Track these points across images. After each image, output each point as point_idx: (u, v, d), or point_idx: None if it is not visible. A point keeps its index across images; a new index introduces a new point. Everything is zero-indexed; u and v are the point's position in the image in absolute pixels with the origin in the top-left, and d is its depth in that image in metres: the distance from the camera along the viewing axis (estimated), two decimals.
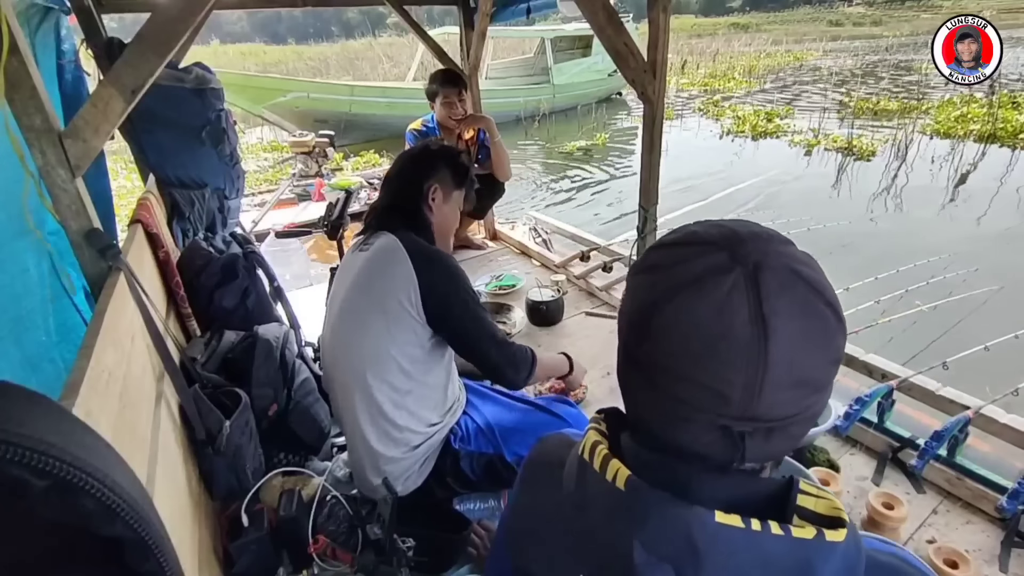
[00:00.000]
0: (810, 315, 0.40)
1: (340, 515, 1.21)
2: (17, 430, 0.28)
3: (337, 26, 37.07)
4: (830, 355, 0.42)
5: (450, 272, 1.19)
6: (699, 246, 0.43)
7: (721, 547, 0.40)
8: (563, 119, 10.48)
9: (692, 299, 0.41)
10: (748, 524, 0.40)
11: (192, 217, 2.08)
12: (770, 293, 0.39)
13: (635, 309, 0.45)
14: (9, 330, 1.05)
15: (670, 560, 0.42)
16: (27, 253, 1.16)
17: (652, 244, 0.48)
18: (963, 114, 7.84)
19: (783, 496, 0.43)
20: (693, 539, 0.41)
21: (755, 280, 0.40)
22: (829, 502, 0.42)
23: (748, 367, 0.39)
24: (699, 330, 0.41)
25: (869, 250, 4.02)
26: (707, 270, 0.41)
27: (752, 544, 0.40)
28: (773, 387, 0.40)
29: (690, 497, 0.42)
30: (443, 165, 1.29)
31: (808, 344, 0.40)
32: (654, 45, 1.75)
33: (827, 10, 40.84)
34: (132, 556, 0.34)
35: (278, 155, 7.95)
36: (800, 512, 0.42)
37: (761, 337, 0.39)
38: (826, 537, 0.39)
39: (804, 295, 0.40)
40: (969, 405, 1.42)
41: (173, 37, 1.09)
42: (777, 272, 0.40)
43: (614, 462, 0.46)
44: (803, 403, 0.42)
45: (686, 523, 0.41)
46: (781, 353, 0.39)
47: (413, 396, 1.20)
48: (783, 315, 0.39)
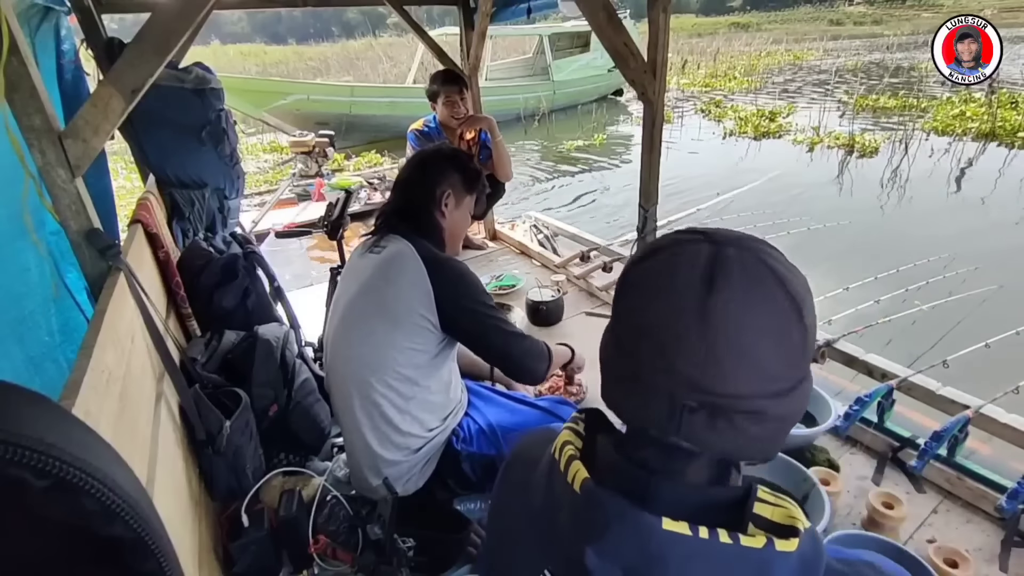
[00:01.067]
0: (762, 294, 0.41)
1: (340, 515, 1.21)
2: (17, 430, 0.28)
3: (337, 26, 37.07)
4: (783, 345, 0.42)
5: (465, 278, 1.19)
6: (683, 233, 0.47)
7: (671, 555, 0.40)
8: (563, 118, 10.48)
9: (661, 258, 0.45)
10: (696, 532, 0.40)
11: (192, 217, 2.08)
12: (727, 260, 0.42)
13: (621, 277, 0.49)
14: (11, 330, 1.05)
15: (622, 567, 0.42)
16: (28, 253, 1.16)
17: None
18: (962, 112, 7.84)
19: (742, 504, 0.43)
20: (644, 547, 0.41)
21: (718, 251, 0.42)
22: (785, 510, 0.42)
23: (692, 321, 0.41)
24: (657, 281, 0.44)
25: (869, 249, 4.02)
26: (680, 241, 0.45)
27: (701, 553, 0.40)
28: (713, 351, 0.40)
29: (647, 503, 0.42)
30: (455, 170, 1.28)
31: (754, 319, 0.41)
32: (654, 45, 1.75)
33: (828, 9, 40.80)
34: (132, 556, 0.34)
35: (278, 156, 7.95)
36: (756, 520, 0.41)
37: (704, 290, 0.41)
38: (776, 547, 0.39)
39: (761, 276, 0.42)
40: (969, 405, 1.42)
41: (173, 37, 1.09)
42: (743, 252, 0.43)
43: (575, 463, 0.47)
44: (751, 386, 0.41)
45: (636, 530, 0.41)
46: (721, 314, 0.40)
47: (417, 401, 1.20)
48: (733, 282, 0.41)
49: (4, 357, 1.00)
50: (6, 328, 1.03)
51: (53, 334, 1.19)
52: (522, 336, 1.25)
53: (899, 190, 5.68)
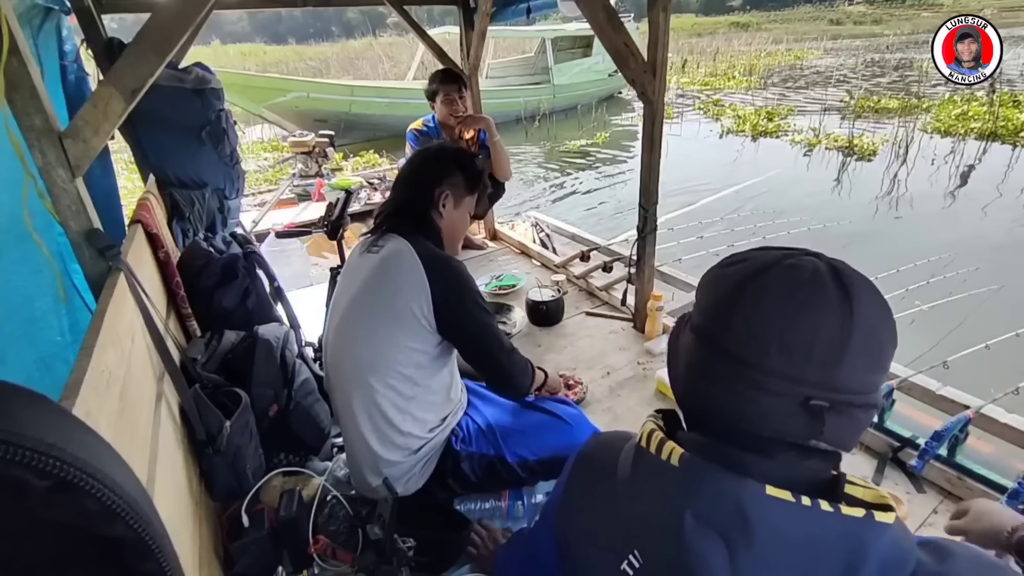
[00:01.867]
0: (879, 298, 0.46)
1: (340, 515, 1.21)
2: (18, 430, 0.28)
3: (337, 26, 37.05)
4: (894, 337, 0.46)
5: (462, 280, 1.18)
6: (771, 250, 0.50)
7: (771, 520, 0.41)
8: (563, 118, 10.47)
9: (784, 271, 0.46)
10: (799, 499, 0.41)
11: (192, 217, 2.08)
12: (844, 273, 0.46)
13: (722, 291, 0.49)
14: (23, 331, 1.05)
15: (719, 530, 0.43)
16: (38, 254, 1.16)
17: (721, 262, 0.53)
18: (964, 112, 7.84)
19: (830, 484, 0.44)
20: (744, 510, 0.42)
21: (829, 265, 0.47)
22: (876, 492, 0.44)
23: (837, 324, 0.43)
24: (792, 293, 0.45)
25: (870, 249, 4.02)
26: (789, 255, 0.48)
27: (802, 519, 0.41)
28: (855, 351, 0.43)
29: (747, 473, 0.44)
30: (456, 170, 1.27)
31: (883, 319, 0.45)
32: (654, 45, 1.75)
33: (828, 9, 40.78)
34: (132, 556, 0.34)
35: (278, 155, 7.95)
36: (848, 499, 0.43)
37: (846, 298, 0.44)
38: (875, 518, 0.41)
39: (870, 284, 0.47)
40: (969, 405, 1.42)
41: (173, 37, 1.09)
42: (843, 264, 0.48)
43: (669, 443, 0.49)
44: (872, 379, 0.45)
45: (737, 495, 0.43)
46: (864, 317, 0.44)
47: (417, 401, 1.19)
48: (863, 292, 0.45)
49: (15, 358, 1.01)
50: (17, 329, 1.03)
51: (64, 334, 1.19)
52: (513, 351, 1.27)
53: (899, 190, 5.68)
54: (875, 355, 0.45)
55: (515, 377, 1.27)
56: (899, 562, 0.41)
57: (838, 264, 0.47)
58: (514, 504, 1.33)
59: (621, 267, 2.61)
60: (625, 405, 1.75)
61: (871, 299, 0.45)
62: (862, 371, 0.44)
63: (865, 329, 0.44)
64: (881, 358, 0.45)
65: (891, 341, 0.46)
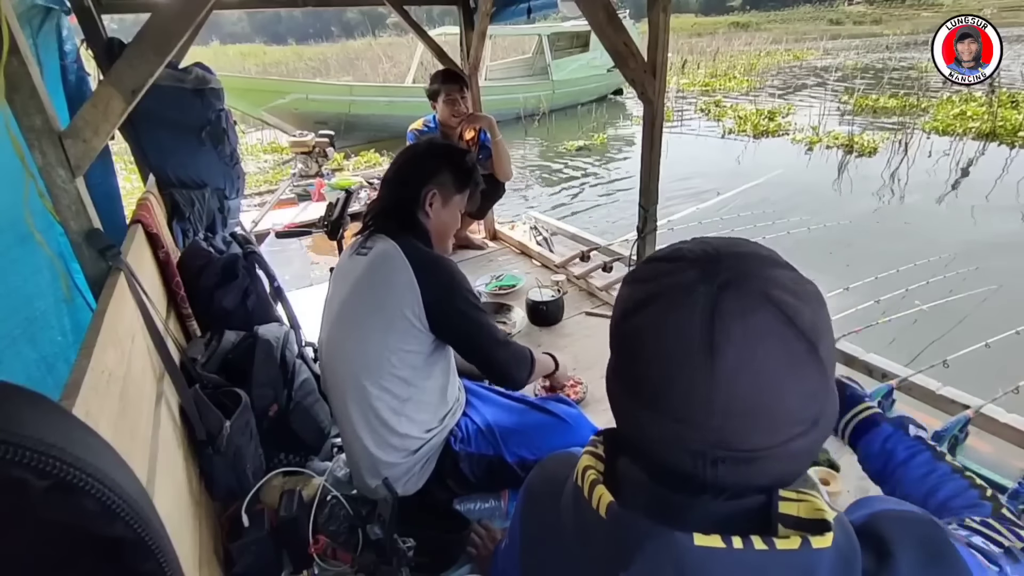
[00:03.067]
0: (770, 343, 0.38)
1: (340, 515, 1.21)
2: (17, 430, 0.28)
3: (337, 26, 37.05)
4: (801, 387, 0.39)
5: (452, 279, 1.17)
6: (678, 262, 0.43)
7: (709, 572, 0.39)
8: (563, 118, 10.47)
9: (656, 313, 0.41)
10: (729, 543, 0.38)
11: (192, 217, 2.08)
12: (725, 314, 0.38)
13: (614, 317, 0.46)
14: (24, 330, 1.05)
15: None
16: (39, 254, 1.16)
17: (645, 257, 0.48)
18: (962, 112, 7.85)
19: (767, 507, 0.41)
20: (679, 567, 0.39)
21: (716, 300, 0.39)
22: (810, 504, 0.40)
23: (700, 388, 0.39)
24: (658, 344, 0.41)
25: (870, 249, 4.02)
26: (675, 286, 0.41)
27: (740, 564, 0.38)
28: (727, 413, 0.38)
29: (676, 520, 0.41)
30: (444, 167, 1.25)
31: (765, 373, 0.38)
32: (654, 45, 1.75)
33: (827, 8, 40.80)
34: (132, 556, 0.34)
35: (278, 156, 7.95)
36: (784, 520, 0.40)
37: (708, 358, 0.38)
38: (812, 545, 0.38)
39: (767, 321, 0.38)
40: (969, 404, 1.42)
41: (173, 37, 1.09)
42: (742, 293, 0.39)
43: (598, 488, 0.45)
44: (776, 436, 0.39)
45: (668, 552, 0.40)
46: (727, 377, 0.38)
47: (413, 403, 1.19)
48: (735, 339, 0.38)
49: (16, 357, 1.01)
50: (18, 329, 1.03)
51: (65, 334, 1.19)
52: (507, 343, 1.26)
53: (899, 190, 5.68)
54: (760, 414, 0.39)
55: (511, 370, 1.27)
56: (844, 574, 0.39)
57: (725, 301, 0.39)
58: (514, 504, 1.33)
59: (621, 267, 2.61)
60: None
61: (747, 356, 0.38)
62: (749, 430, 0.39)
63: (731, 390, 0.38)
64: (776, 415, 0.39)
65: (789, 398, 0.39)
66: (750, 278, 0.40)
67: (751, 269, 0.41)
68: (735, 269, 0.40)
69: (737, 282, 0.39)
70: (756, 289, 0.39)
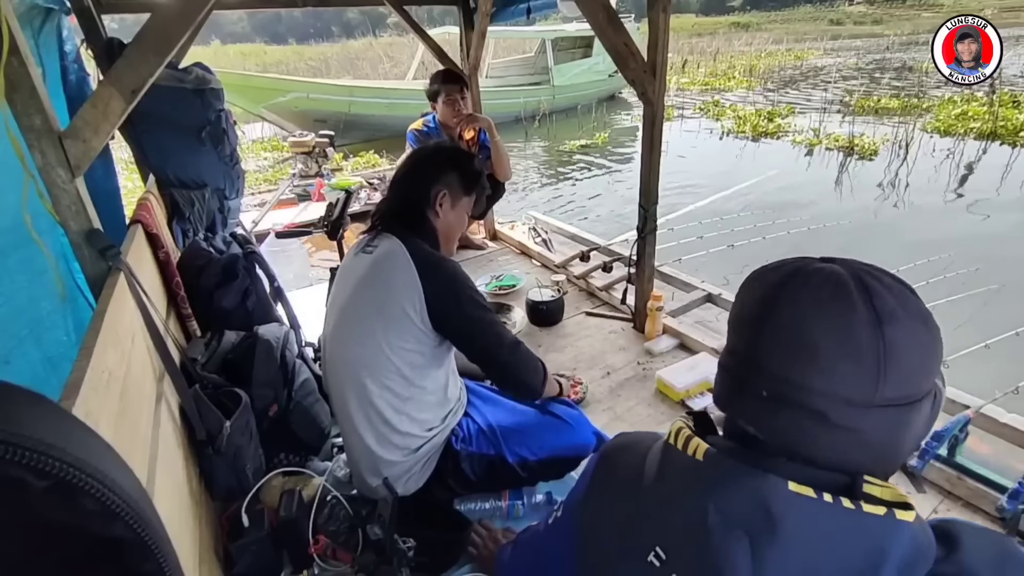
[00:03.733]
0: (838, 295, 0.45)
1: (340, 515, 1.21)
2: (17, 431, 0.28)
3: (337, 26, 37.06)
4: (850, 348, 0.44)
5: (456, 280, 1.17)
6: (801, 259, 0.50)
7: (793, 516, 0.41)
8: (563, 118, 10.47)
9: (758, 272, 0.49)
10: (820, 495, 0.41)
11: (192, 217, 2.08)
12: (802, 272, 0.47)
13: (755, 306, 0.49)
14: (29, 331, 1.05)
15: (742, 525, 0.43)
16: (41, 254, 1.16)
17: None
18: (963, 112, 7.84)
19: (849, 484, 0.44)
20: (766, 505, 0.42)
21: (809, 263, 0.48)
22: (894, 490, 0.43)
23: (759, 325, 0.46)
24: (743, 295, 0.50)
25: (869, 249, 4.02)
26: (817, 270, 0.47)
27: (824, 516, 0.41)
28: (777, 334, 0.45)
29: (770, 470, 0.44)
30: (453, 169, 1.25)
31: (819, 313, 0.45)
32: (654, 45, 1.75)
33: (828, 9, 40.79)
34: (132, 557, 0.34)
35: (278, 155, 7.95)
36: (867, 497, 0.43)
37: (776, 280, 0.47)
38: (896, 516, 0.40)
39: (843, 285, 0.45)
40: (969, 404, 1.42)
41: (173, 37, 1.09)
42: (843, 266, 0.47)
43: (695, 439, 0.49)
44: (809, 377, 0.44)
45: (759, 490, 0.43)
46: (787, 300, 0.45)
47: (414, 402, 1.19)
48: (811, 280, 0.46)
49: (22, 358, 1.01)
50: (24, 329, 1.03)
51: (70, 333, 1.19)
52: (515, 345, 1.21)
53: (899, 191, 5.68)
54: (804, 346, 0.44)
55: (522, 375, 1.22)
56: (917, 560, 0.41)
57: (815, 264, 0.47)
58: (514, 504, 1.33)
59: (621, 267, 2.61)
60: (625, 405, 1.74)
61: (811, 292, 0.45)
62: (790, 358, 0.45)
63: (790, 315, 0.45)
64: (813, 354, 0.44)
65: (832, 344, 0.43)
66: (854, 265, 0.47)
67: (859, 264, 0.47)
68: (845, 261, 0.47)
69: (840, 263, 0.47)
70: (852, 269, 0.46)
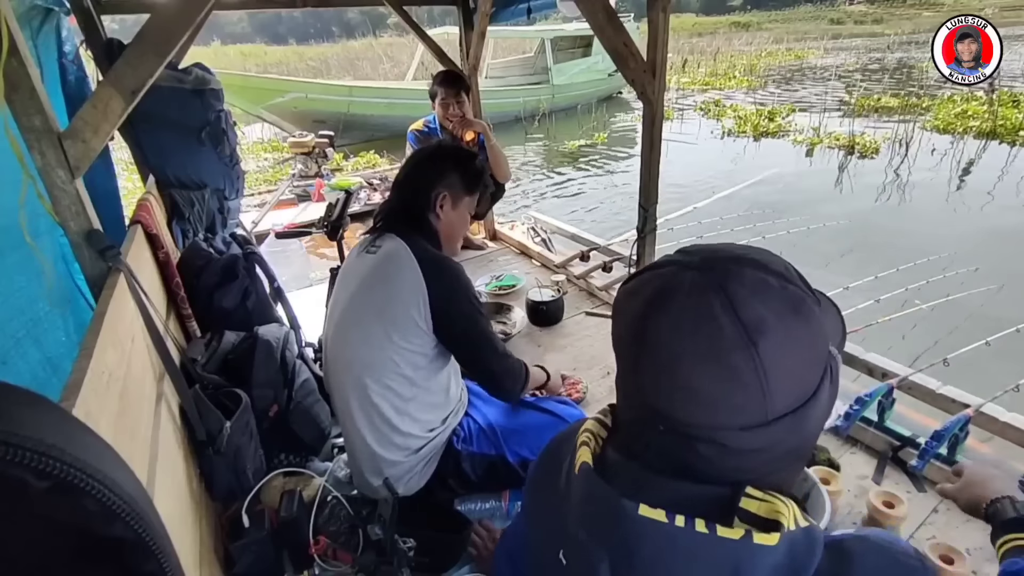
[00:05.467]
0: (700, 319, 0.41)
1: (341, 516, 1.21)
2: (17, 431, 0.28)
3: (337, 26, 37.05)
4: (727, 375, 0.40)
5: (459, 282, 1.18)
6: (672, 255, 0.47)
7: (649, 542, 0.41)
8: (563, 117, 10.46)
9: (632, 282, 0.47)
10: (672, 520, 0.40)
11: (192, 218, 2.08)
12: (674, 286, 0.43)
13: (625, 322, 0.47)
14: (28, 331, 1.05)
15: (605, 546, 0.43)
16: (42, 255, 1.16)
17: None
18: (963, 111, 7.84)
19: (731, 499, 0.42)
20: (622, 530, 0.42)
21: (675, 274, 0.43)
22: (772, 506, 0.40)
23: (634, 346, 0.44)
24: (621, 303, 0.47)
25: (869, 249, 4.02)
26: (659, 264, 0.46)
27: (678, 541, 0.40)
28: (654, 377, 0.42)
29: (636, 493, 0.42)
30: (454, 170, 1.25)
31: (686, 345, 0.41)
32: (654, 45, 1.75)
33: (828, 8, 40.79)
34: (133, 557, 0.34)
35: (278, 155, 7.95)
36: (741, 514, 0.41)
37: (642, 317, 0.43)
38: (753, 539, 0.38)
39: (707, 304, 0.41)
40: (969, 404, 1.42)
41: (173, 37, 1.09)
42: (704, 276, 0.42)
43: (583, 449, 0.49)
44: (696, 416, 0.41)
45: (614, 514, 0.42)
46: (653, 339, 0.42)
47: (416, 402, 1.19)
48: (670, 307, 0.42)
49: (22, 358, 1.01)
50: (22, 330, 1.04)
51: (69, 334, 1.20)
52: (505, 355, 1.27)
53: (899, 190, 5.68)
54: (679, 387, 0.41)
55: (503, 381, 1.27)
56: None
57: (682, 277, 0.42)
58: (514, 504, 1.33)
59: (621, 267, 2.61)
60: None
61: (672, 322, 0.41)
62: (673, 401, 0.42)
63: (659, 354, 0.42)
64: (693, 392, 0.41)
65: (708, 376, 0.40)
66: (714, 269, 0.42)
67: (719, 263, 0.43)
68: (705, 262, 0.43)
69: (703, 268, 0.42)
70: (712, 277, 0.41)
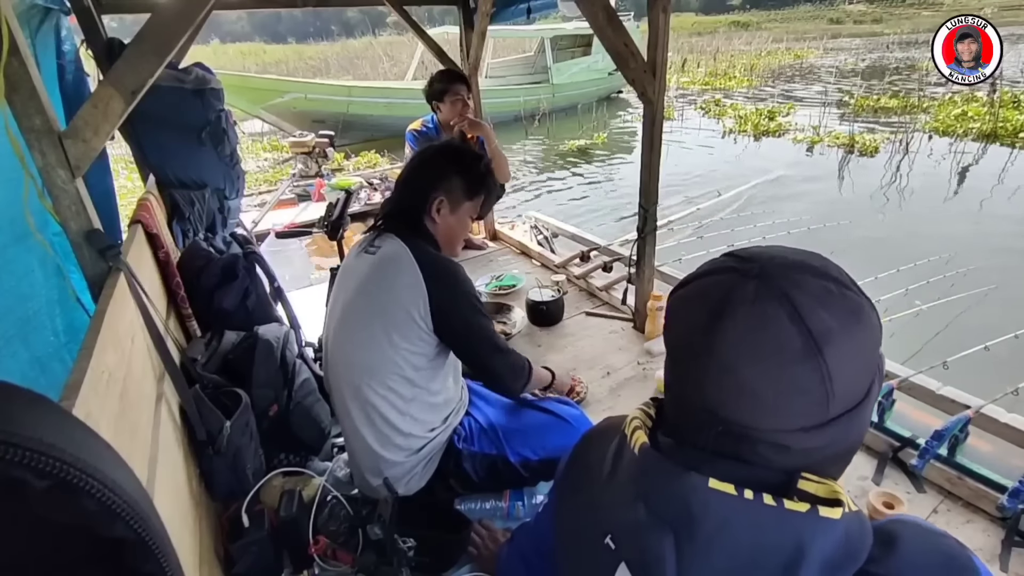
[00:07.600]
0: (768, 331, 0.42)
1: (341, 515, 1.21)
2: (17, 431, 0.28)
3: (337, 25, 36.99)
4: (791, 384, 0.42)
5: (459, 283, 1.17)
6: (724, 259, 0.48)
7: (714, 513, 0.41)
8: (563, 117, 10.46)
9: (689, 288, 0.47)
10: (741, 492, 0.41)
11: (192, 217, 2.08)
12: (736, 297, 0.43)
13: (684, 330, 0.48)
14: (17, 330, 1.05)
15: (668, 521, 0.44)
16: (32, 254, 1.16)
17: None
18: (963, 112, 7.84)
19: (785, 482, 0.43)
20: (688, 503, 0.42)
21: (737, 284, 0.44)
22: (829, 487, 0.42)
23: (702, 353, 0.44)
24: (680, 311, 0.47)
25: (869, 249, 4.02)
26: (712, 270, 0.47)
27: (744, 513, 0.41)
28: (720, 384, 0.43)
29: (700, 470, 0.43)
30: (455, 173, 1.22)
31: (754, 355, 0.42)
32: (654, 45, 1.75)
33: (828, 8, 40.79)
34: (133, 557, 0.34)
35: (278, 155, 7.95)
36: (800, 494, 0.42)
37: (710, 329, 0.43)
38: (820, 512, 0.40)
39: (772, 312, 0.42)
40: (969, 404, 1.42)
41: (173, 37, 1.09)
42: (765, 286, 0.43)
43: (639, 432, 0.50)
44: (763, 421, 0.43)
45: (681, 487, 0.43)
46: (720, 349, 0.43)
47: (417, 403, 1.19)
48: (737, 318, 0.43)
49: (11, 358, 1.01)
50: (12, 329, 1.03)
51: (58, 334, 1.19)
52: (506, 351, 1.26)
53: (899, 190, 5.68)
54: (746, 394, 0.42)
55: (506, 377, 1.27)
56: (844, 559, 0.40)
57: (746, 287, 0.43)
58: (515, 504, 1.33)
59: (621, 267, 2.60)
60: (625, 405, 1.75)
61: (741, 334, 0.42)
62: (739, 407, 0.43)
63: (726, 363, 0.43)
64: (760, 400, 0.42)
65: (773, 384, 0.41)
66: (776, 278, 0.43)
67: (780, 271, 0.43)
68: (765, 269, 0.44)
69: (763, 277, 0.43)
70: (779, 287, 0.42)
